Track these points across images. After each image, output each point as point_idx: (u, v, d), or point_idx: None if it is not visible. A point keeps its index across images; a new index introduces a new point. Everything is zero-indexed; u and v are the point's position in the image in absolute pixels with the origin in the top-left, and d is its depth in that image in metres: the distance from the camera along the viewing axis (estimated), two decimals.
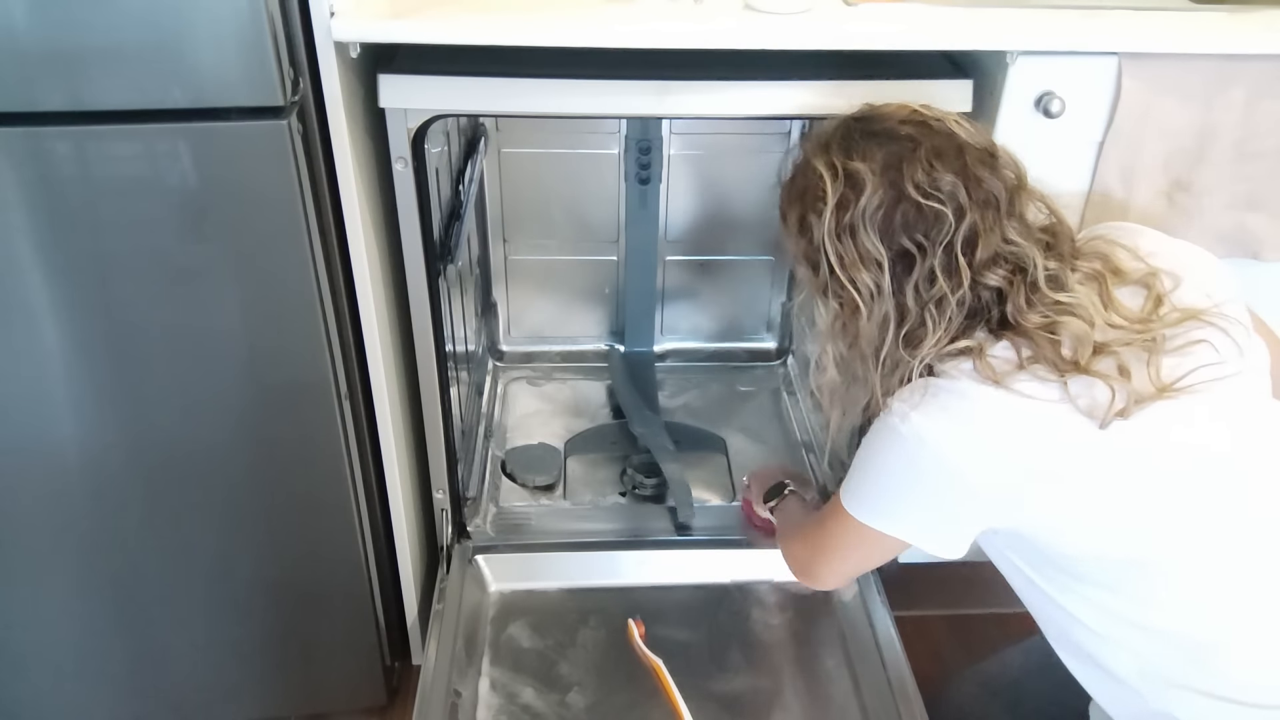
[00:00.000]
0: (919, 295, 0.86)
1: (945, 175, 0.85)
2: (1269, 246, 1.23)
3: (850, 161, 0.87)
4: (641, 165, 1.69)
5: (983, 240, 0.85)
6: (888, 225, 0.86)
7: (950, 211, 0.85)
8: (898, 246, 0.86)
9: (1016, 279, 0.86)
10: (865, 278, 0.87)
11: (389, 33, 1.00)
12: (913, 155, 0.86)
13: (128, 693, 1.37)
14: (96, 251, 1.02)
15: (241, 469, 1.18)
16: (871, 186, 0.86)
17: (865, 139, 0.88)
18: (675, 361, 1.90)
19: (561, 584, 1.38)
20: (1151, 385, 0.82)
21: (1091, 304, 0.85)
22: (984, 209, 0.86)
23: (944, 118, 0.89)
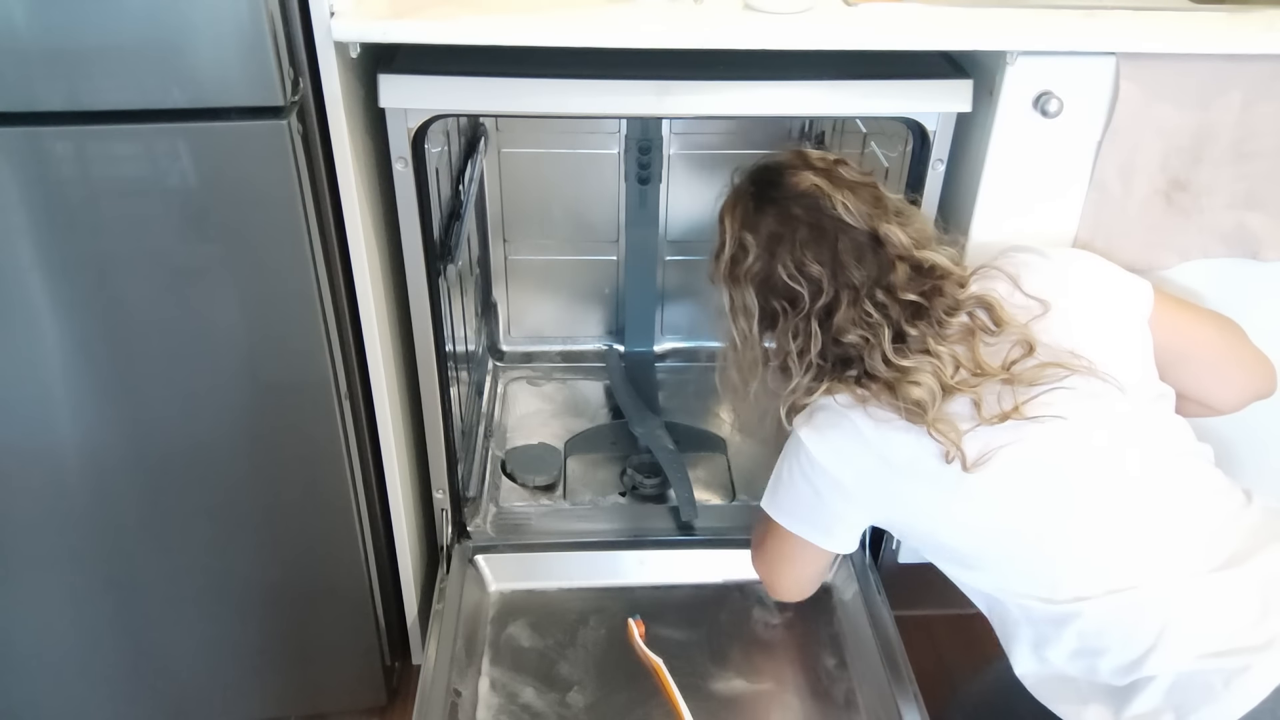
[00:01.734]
0: (780, 346, 1.03)
1: (812, 264, 0.99)
2: (1268, 246, 1.23)
3: (744, 231, 1.03)
4: (641, 165, 1.69)
5: (839, 313, 0.99)
6: (764, 288, 1.02)
7: (807, 293, 1.00)
8: (768, 305, 1.03)
9: (871, 344, 0.99)
10: (741, 322, 1.05)
11: (389, 33, 1.00)
12: (792, 238, 1.00)
13: (127, 693, 1.37)
14: (96, 251, 1.02)
15: (241, 469, 1.18)
16: (753, 256, 1.02)
17: (762, 208, 1.03)
18: (675, 361, 1.90)
19: (561, 584, 1.38)
20: (1000, 408, 0.93)
21: (951, 361, 0.96)
22: (843, 290, 0.99)
23: (834, 199, 0.99)
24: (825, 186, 1.00)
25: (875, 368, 0.98)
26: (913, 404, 0.95)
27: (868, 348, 0.98)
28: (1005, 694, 1.18)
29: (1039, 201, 1.19)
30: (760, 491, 1.10)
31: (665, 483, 1.55)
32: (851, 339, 0.99)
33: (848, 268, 0.99)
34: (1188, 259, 1.23)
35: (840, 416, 1.00)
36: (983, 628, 1.07)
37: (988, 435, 0.93)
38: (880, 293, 0.99)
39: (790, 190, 1.02)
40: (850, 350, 1.00)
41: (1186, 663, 0.89)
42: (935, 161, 1.16)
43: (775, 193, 1.03)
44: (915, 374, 0.96)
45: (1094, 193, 1.18)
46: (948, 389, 0.95)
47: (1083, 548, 0.94)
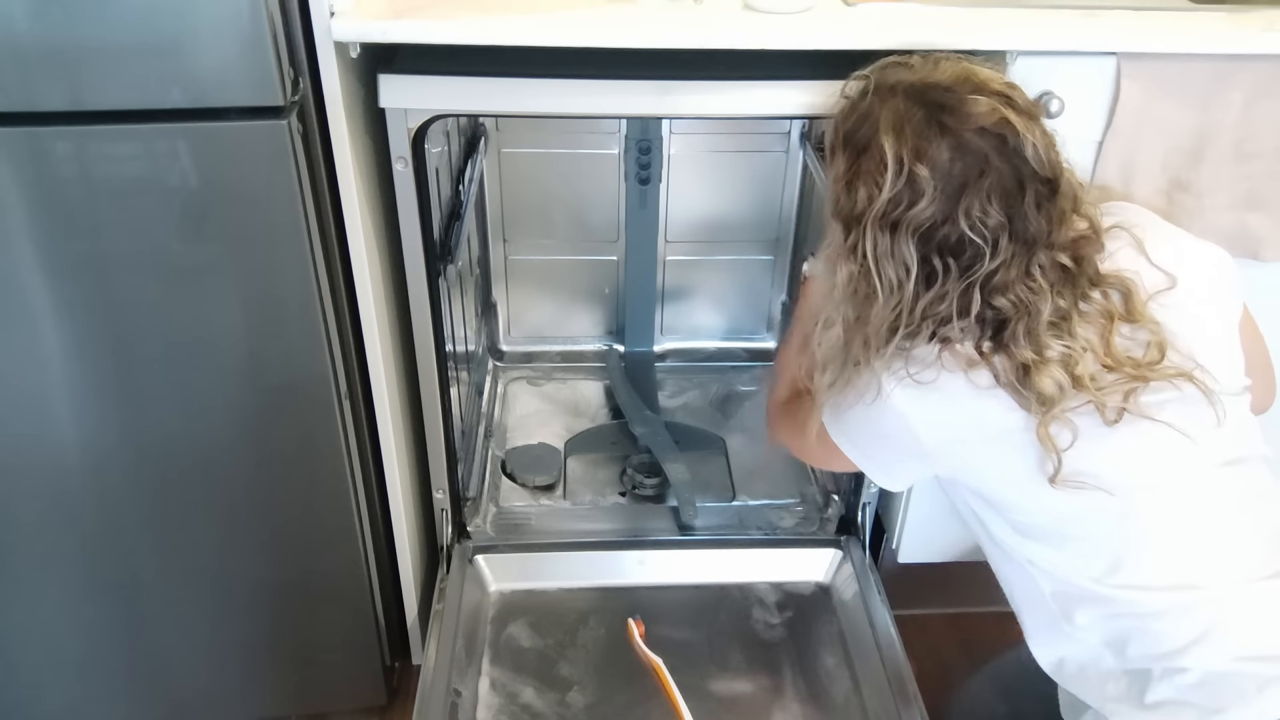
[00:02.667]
0: (927, 308, 0.89)
1: (996, 214, 0.86)
2: (1268, 246, 1.23)
3: (918, 163, 0.86)
4: (641, 165, 1.69)
5: (1001, 276, 0.87)
6: (928, 238, 0.87)
7: (986, 250, 0.86)
8: (928, 259, 0.88)
9: (1021, 311, 0.88)
10: (890, 272, 0.88)
11: (389, 33, 1.00)
12: (978, 181, 0.86)
13: (128, 693, 1.37)
14: (96, 251, 1.02)
15: (241, 469, 1.18)
16: (928, 199, 0.86)
17: (940, 136, 0.86)
18: (675, 361, 1.90)
19: (561, 584, 1.38)
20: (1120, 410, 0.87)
21: (1089, 345, 0.88)
22: (1019, 247, 0.87)
23: (1024, 134, 0.87)
24: (1015, 121, 0.86)
25: (1016, 341, 0.88)
26: (1038, 395, 0.86)
27: (1019, 315, 0.88)
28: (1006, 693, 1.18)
29: None
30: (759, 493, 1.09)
31: (665, 483, 1.55)
32: (1004, 303, 0.88)
33: (1029, 222, 0.87)
34: None
35: (939, 375, 0.89)
36: (982, 628, 1.07)
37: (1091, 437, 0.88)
38: (1043, 254, 0.88)
39: (972, 121, 0.86)
40: (992, 314, 0.89)
41: (1222, 663, 0.87)
42: None
43: (953, 121, 0.86)
44: (1051, 361, 0.87)
45: (1095, 192, 1.18)
46: (1078, 383, 0.86)
47: (1152, 539, 0.91)
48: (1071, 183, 0.90)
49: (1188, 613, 0.89)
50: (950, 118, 0.87)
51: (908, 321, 0.89)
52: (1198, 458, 0.91)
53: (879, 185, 0.87)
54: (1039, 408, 0.87)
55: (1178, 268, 0.93)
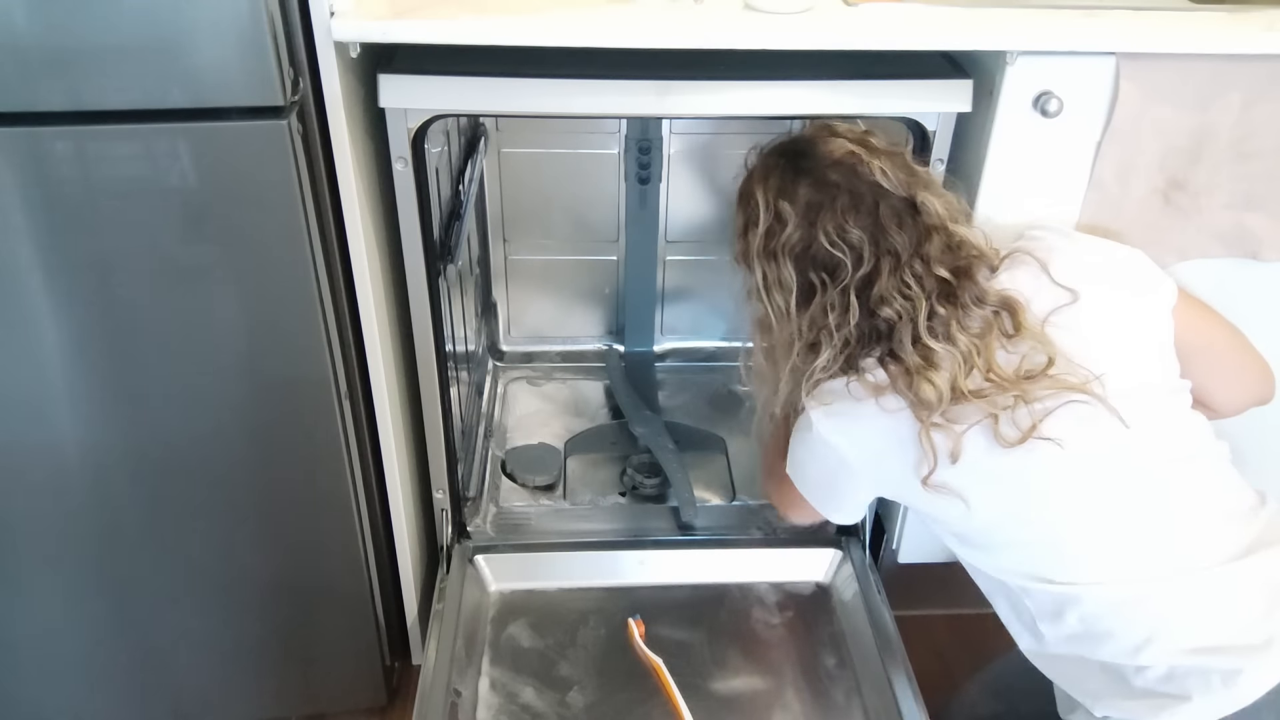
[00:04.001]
0: (815, 321, 1.00)
1: (853, 230, 0.98)
2: (1267, 246, 1.23)
3: (780, 201, 1.01)
4: (641, 165, 1.69)
5: (878, 284, 0.97)
6: (801, 259, 1.00)
7: (849, 261, 0.98)
8: (805, 278, 1.00)
9: (904, 320, 0.97)
10: (778, 298, 1.02)
11: (389, 33, 1.00)
12: (831, 205, 0.99)
13: (127, 693, 1.37)
14: (96, 251, 1.02)
15: (241, 469, 1.18)
16: (793, 226, 0.99)
17: (798, 177, 1.01)
18: (675, 361, 1.90)
19: (561, 584, 1.38)
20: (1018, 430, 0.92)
21: (969, 356, 0.95)
22: (884, 257, 0.97)
23: (872, 165, 0.99)
24: (861, 153, 0.99)
25: (903, 348, 0.96)
26: (921, 401, 0.94)
27: (901, 323, 0.97)
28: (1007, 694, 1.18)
29: (1038, 201, 1.19)
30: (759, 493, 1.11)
31: (665, 483, 1.55)
32: (888, 312, 0.97)
33: (889, 234, 0.98)
34: (1186, 259, 1.23)
35: (852, 402, 0.99)
36: (983, 628, 1.07)
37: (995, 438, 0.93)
38: (918, 263, 0.97)
39: (825, 158, 1.01)
40: (883, 324, 0.98)
41: (1180, 657, 0.90)
42: (935, 161, 1.15)
43: (808, 162, 1.01)
44: (934, 367, 0.94)
45: (1093, 192, 1.18)
46: (958, 394, 0.94)
47: (1086, 537, 0.95)
48: (933, 205, 0.99)
49: (1136, 606, 0.92)
50: (806, 160, 1.02)
51: (799, 335, 1.01)
52: (1116, 452, 0.94)
53: (757, 224, 1.02)
54: (920, 412, 0.94)
55: (1081, 283, 0.98)
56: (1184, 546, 0.93)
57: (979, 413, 0.93)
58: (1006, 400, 0.93)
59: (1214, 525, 0.95)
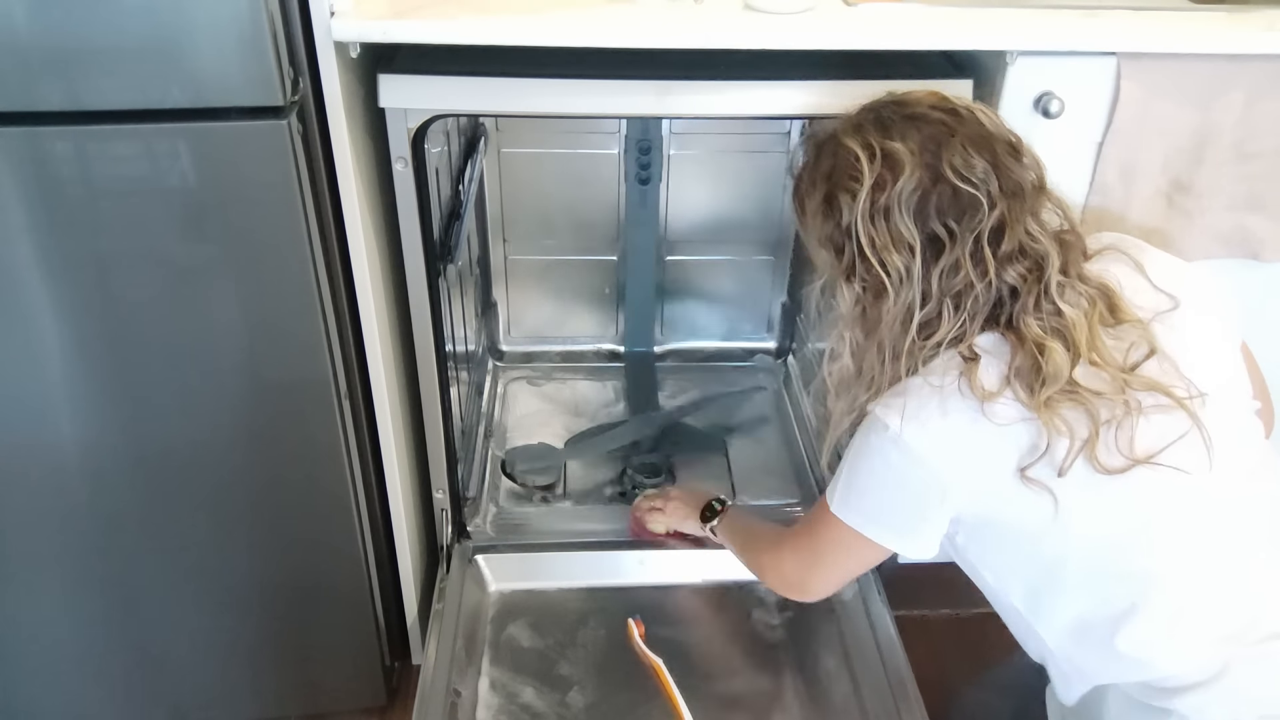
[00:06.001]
0: (942, 284, 0.86)
1: (979, 162, 0.85)
2: (1269, 247, 1.23)
3: (888, 141, 0.86)
4: (641, 165, 1.69)
5: (1009, 232, 0.85)
6: (923, 208, 0.85)
7: (984, 197, 0.84)
8: (929, 231, 0.85)
9: (1031, 278, 0.86)
10: (896, 260, 0.86)
11: (389, 33, 1.00)
12: (950, 139, 0.85)
13: (127, 693, 1.37)
14: (96, 251, 1.02)
15: (241, 469, 1.18)
16: (910, 168, 0.85)
17: (900, 121, 0.87)
18: (675, 361, 1.90)
19: (561, 584, 1.38)
20: (1122, 455, 0.83)
21: (1078, 327, 0.85)
22: (1011, 200, 0.85)
23: (971, 107, 0.89)
24: (956, 100, 0.89)
25: (1027, 313, 0.85)
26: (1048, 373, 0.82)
27: (1027, 285, 0.85)
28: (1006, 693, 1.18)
29: None
30: (760, 491, 1.08)
31: (665, 482, 1.55)
32: (1018, 269, 0.85)
33: (1010, 170, 0.86)
34: (1189, 260, 1.23)
35: (937, 398, 0.85)
36: (982, 628, 1.07)
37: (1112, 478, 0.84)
38: (1033, 216, 0.87)
39: (921, 102, 0.89)
40: (1010, 284, 0.86)
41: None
42: None
43: (906, 108, 0.89)
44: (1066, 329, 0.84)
45: (1095, 194, 1.18)
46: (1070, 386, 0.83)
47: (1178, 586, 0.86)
48: (1035, 154, 0.89)
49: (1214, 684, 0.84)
50: (903, 108, 0.89)
51: (923, 303, 0.86)
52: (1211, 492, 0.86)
53: (858, 180, 0.86)
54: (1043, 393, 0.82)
55: (1180, 289, 0.91)
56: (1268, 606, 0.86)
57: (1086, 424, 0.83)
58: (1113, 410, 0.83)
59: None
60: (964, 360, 0.86)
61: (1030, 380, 0.84)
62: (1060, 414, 0.83)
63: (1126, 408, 0.83)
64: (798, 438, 1.69)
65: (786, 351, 1.90)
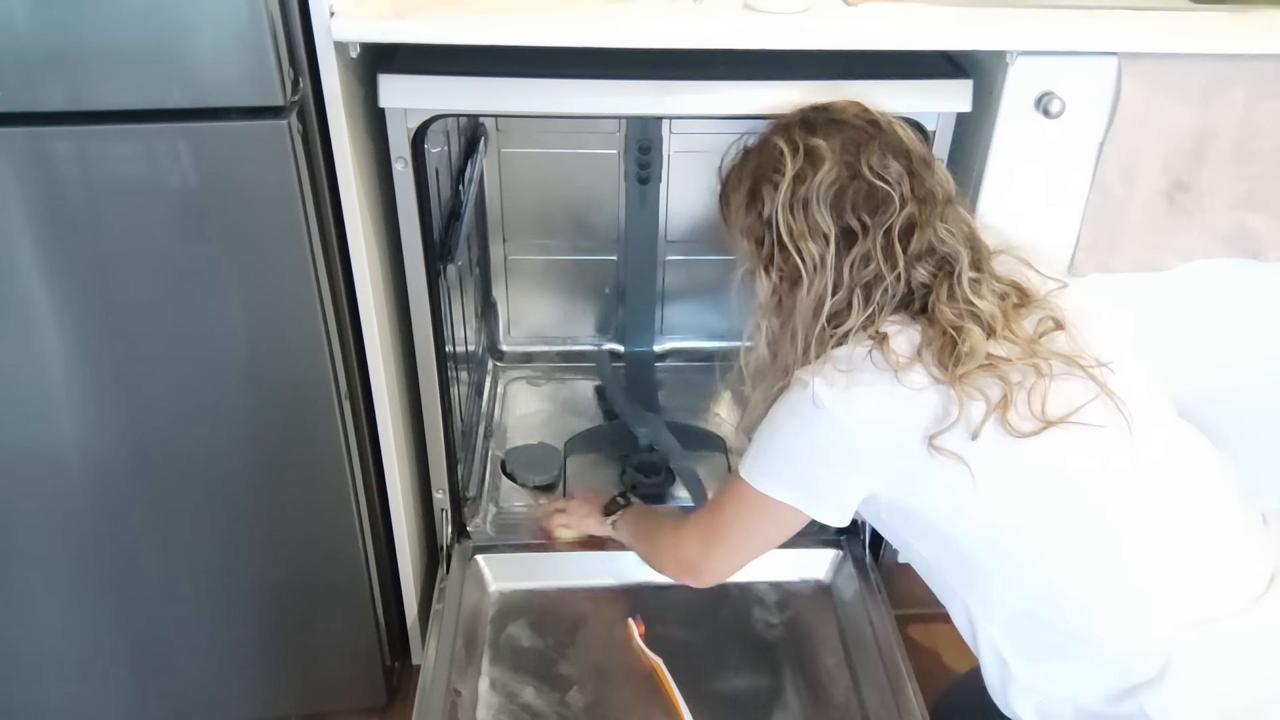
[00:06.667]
0: (853, 274, 0.92)
1: (895, 165, 0.92)
2: (1269, 246, 1.23)
3: (811, 138, 0.93)
4: (641, 165, 1.69)
5: (918, 232, 0.91)
6: (839, 201, 0.92)
7: (896, 196, 0.91)
8: (844, 223, 0.92)
9: (942, 274, 0.92)
10: (811, 248, 0.92)
11: (389, 33, 1.00)
12: (870, 142, 0.93)
13: (128, 693, 1.37)
14: (97, 251, 1.02)
15: (241, 469, 1.18)
16: (830, 163, 0.92)
17: (825, 124, 0.95)
18: (675, 361, 1.90)
19: (561, 584, 1.38)
20: (1034, 418, 0.86)
21: (994, 316, 0.90)
22: (922, 204, 0.92)
23: (892, 120, 0.97)
24: (876, 113, 0.97)
25: (940, 303, 0.90)
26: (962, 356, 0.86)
27: (939, 277, 0.91)
28: None
29: (1040, 202, 1.19)
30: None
31: (665, 482, 1.55)
32: (927, 267, 0.91)
33: (923, 178, 0.93)
34: (1189, 260, 1.23)
35: (864, 367, 0.89)
36: None
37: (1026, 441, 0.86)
38: (946, 217, 0.93)
39: (847, 109, 0.97)
40: (921, 277, 0.91)
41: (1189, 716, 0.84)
42: None
43: (833, 113, 0.97)
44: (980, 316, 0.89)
45: (1096, 194, 1.18)
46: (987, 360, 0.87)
47: (1099, 563, 0.87)
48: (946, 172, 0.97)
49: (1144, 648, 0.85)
50: (829, 112, 0.97)
51: (834, 291, 0.92)
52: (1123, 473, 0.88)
53: (780, 172, 0.93)
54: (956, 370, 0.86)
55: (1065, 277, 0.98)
56: (1206, 586, 0.87)
57: (998, 388, 0.86)
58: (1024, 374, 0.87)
59: (1234, 556, 0.88)
60: (872, 339, 0.91)
61: (942, 356, 0.88)
62: (974, 384, 0.87)
63: (1038, 372, 0.88)
64: None
65: None
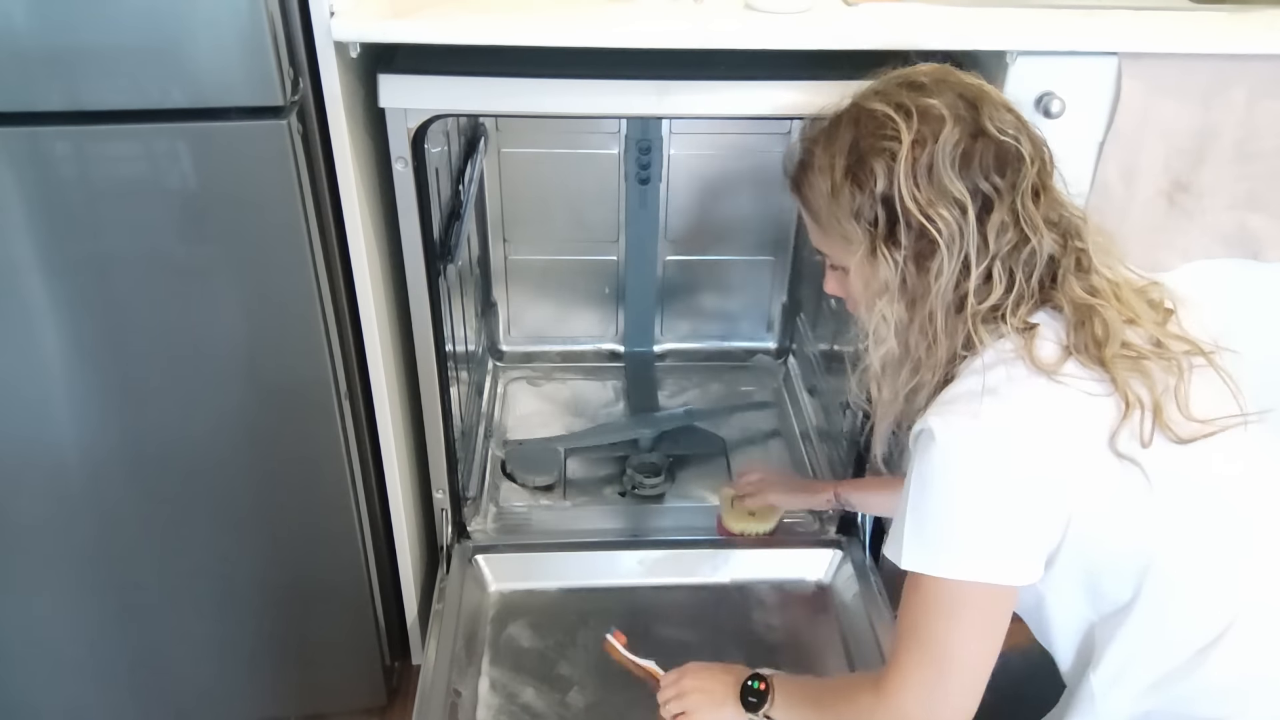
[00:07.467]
0: (994, 243, 0.80)
1: (1010, 118, 0.82)
2: (1269, 247, 1.23)
3: (922, 98, 0.81)
4: (641, 165, 1.69)
5: (1044, 194, 0.82)
6: (967, 163, 0.80)
7: (1025, 153, 0.81)
8: (974, 188, 0.80)
9: (1069, 244, 0.83)
10: (947, 216, 0.79)
11: (389, 33, 1.00)
12: (981, 95, 0.82)
13: (127, 693, 1.37)
14: (96, 252, 1.02)
15: (241, 469, 1.18)
16: (950, 121, 0.80)
17: (930, 83, 0.83)
18: (675, 361, 1.90)
19: (561, 584, 1.38)
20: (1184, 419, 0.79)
21: (1113, 295, 0.82)
22: (1042, 159, 0.83)
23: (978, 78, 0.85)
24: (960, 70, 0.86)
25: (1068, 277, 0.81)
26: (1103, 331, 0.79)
27: (1066, 251, 0.82)
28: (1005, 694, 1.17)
29: None
30: None
31: (665, 482, 1.55)
32: (1054, 239, 0.81)
33: (1032, 132, 0.83)
34: (1189, 260, 1.23)
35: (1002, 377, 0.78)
36: None
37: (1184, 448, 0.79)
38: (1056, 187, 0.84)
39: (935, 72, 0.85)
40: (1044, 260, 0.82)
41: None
42: None
43: (922, 76, 0.84)
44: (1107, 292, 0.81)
45: (1096, 194, 1.17)
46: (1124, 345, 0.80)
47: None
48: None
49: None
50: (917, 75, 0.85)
51: (978, 264, 0.80)
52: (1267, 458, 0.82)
53: (895, 138, 0.80)
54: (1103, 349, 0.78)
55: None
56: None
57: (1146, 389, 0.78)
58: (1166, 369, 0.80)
59: None
60: (1018, 333, 0.80)
61: (1088, 345, 0.79)
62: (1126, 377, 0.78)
63: (1179, 367, 0.80)
64: (798, 438, 1.69)
65: (786, 351, 1.90)
